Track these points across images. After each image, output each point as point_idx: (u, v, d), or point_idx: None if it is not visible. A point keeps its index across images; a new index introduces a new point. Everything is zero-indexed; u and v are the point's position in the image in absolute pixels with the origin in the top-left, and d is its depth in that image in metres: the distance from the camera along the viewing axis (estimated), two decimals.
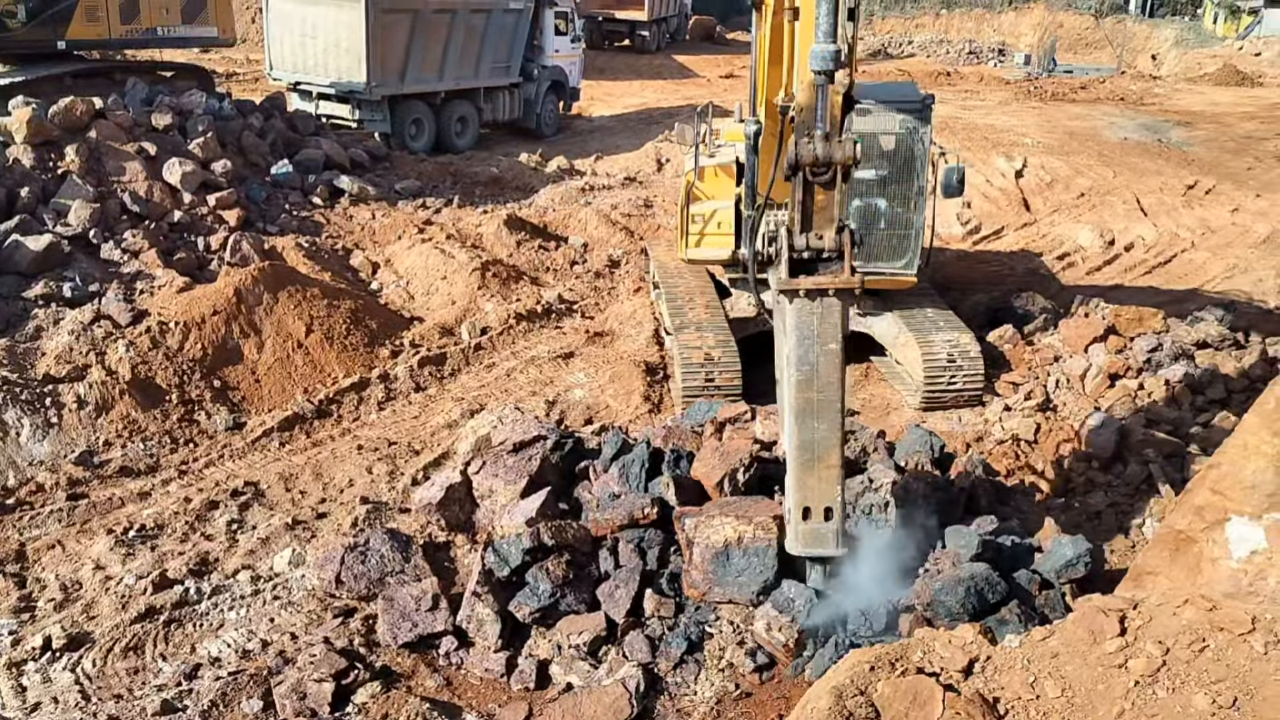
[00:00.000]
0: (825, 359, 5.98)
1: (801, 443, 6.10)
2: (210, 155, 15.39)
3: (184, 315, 11.10)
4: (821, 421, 6.06)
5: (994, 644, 4.73)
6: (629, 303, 13.81)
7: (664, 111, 27.24)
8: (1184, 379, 10.29)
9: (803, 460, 6.12)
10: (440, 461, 9.68)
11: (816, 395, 6.02)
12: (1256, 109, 28.71)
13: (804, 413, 6.06)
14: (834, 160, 5.77)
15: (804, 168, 5.79)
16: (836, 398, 6.05)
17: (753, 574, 6.53)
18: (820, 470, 6.10)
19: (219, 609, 7.40)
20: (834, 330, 5.95)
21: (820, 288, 5.90)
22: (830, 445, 6.07)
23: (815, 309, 5.94)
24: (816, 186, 5.89)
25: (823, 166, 5.79)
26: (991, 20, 53.26)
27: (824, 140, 5.76)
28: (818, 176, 5.83)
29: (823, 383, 6.01)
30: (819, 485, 6.13)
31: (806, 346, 5.97)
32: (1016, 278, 15.22)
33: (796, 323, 5.97)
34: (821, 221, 5.95)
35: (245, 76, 27.46)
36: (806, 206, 5.93)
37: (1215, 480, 5.82)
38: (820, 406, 6.03)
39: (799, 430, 6.09)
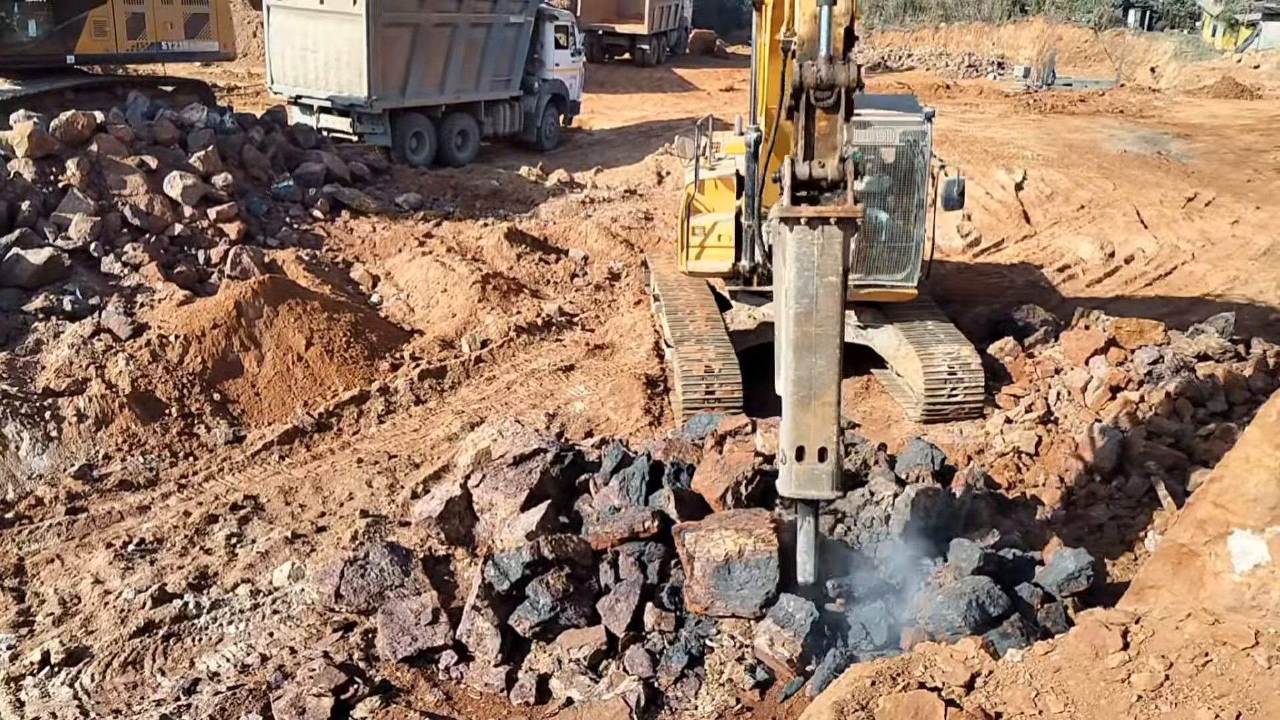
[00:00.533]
0: (825, 291, 5.82)
1: (798, 379, 5.93)
2: (211, 169, 15.42)
3: (184, 329, 11.10)
4: (819, 357, 5.90)
5: (996, 658, 4.71)
6: (629, 315, 13.82)
7: (664, 125, 27.32)
8: (1185, 391, 10.28)
9: (798, 397, 5.95)
10: (440, 475, 9.67)
11: (815, 329, 5.87)
12: (1256, 121, 28.77)
13: (801, 347, 5.90)
14: (837, 82, 5.70)
15: (808, 90, 5.71)
16: (835, 332, 5.89)
17: (755, 586, 6.50)
18: (816, 408, 5.94)
19: (218, 623, 7.37)
20: (835, 262, 5.81)
21: (822, 216, 5.77)
22: (827, 382, 5.91)
23: (816, 239, 5.79)
24: (820, 112, 5.80)
25: (826, 89, 5.71)
26: (991, 34, 53.44)
27: (828, 63, 5.68)
28: (821, 101, 5.76)
29: (821, 316, 5.86)
30: (815, 423, 5.96)
31: (806, 278, 5.83)
32: (1017, 290, 15.22)
33: (797, 253, 5.82)
34: (824, 149, 5.87)
35: (247, 90, 27.56)
36: (809, 133, 5.86)
37: (1217, 493, 5.80)
38: (818, 341, 5.88)
39: (796, 365, 5.91)
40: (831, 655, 6.09)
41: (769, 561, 6.45)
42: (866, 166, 10.83)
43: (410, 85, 20.96)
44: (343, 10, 19.84)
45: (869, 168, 10.83)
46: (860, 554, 7.31)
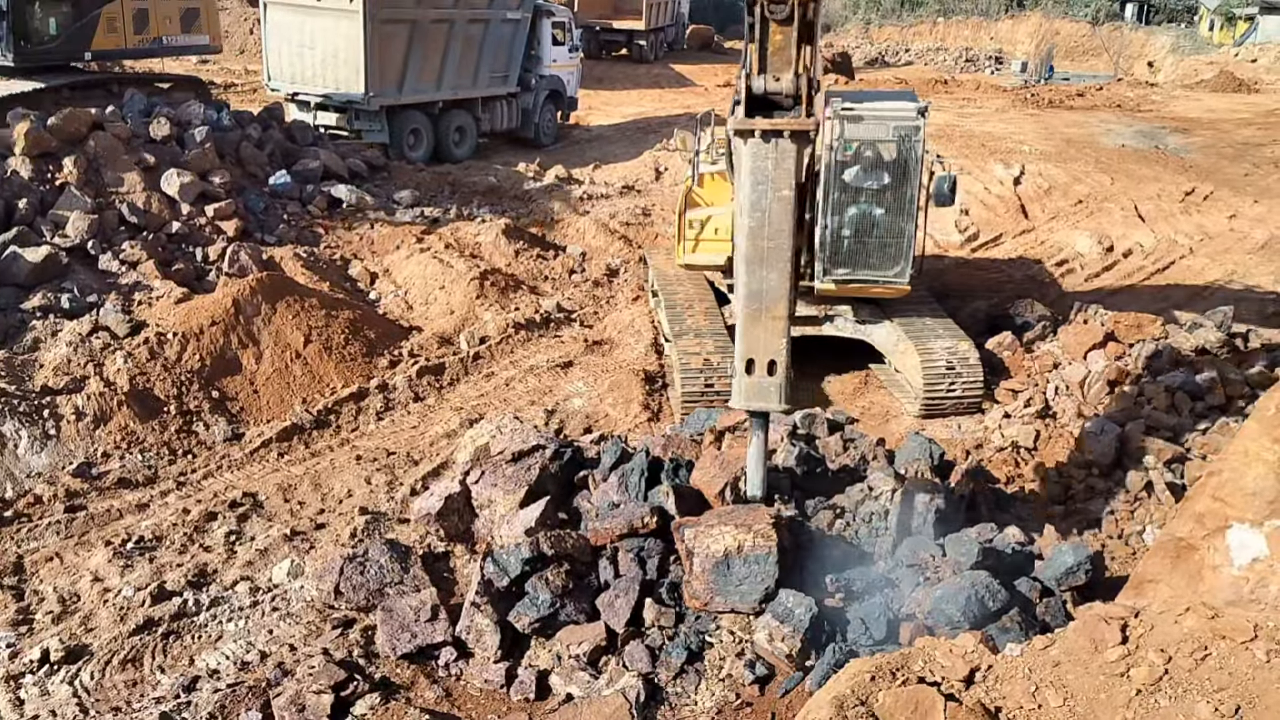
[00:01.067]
0: (778, 205, 5.86)
1: (750, 292, 5.99)
2: (208, 166, 15.40)
3: (182, 326, 11.09)
4: (771, 270, 5.95)
5: (995, 653, 4.71)
6: (627, 311, 13.81)
7: (662, 120, 27.28)
8: (1183, 385, 10.28)
9: (750, 310, 6.03)
10: (439, 471, 9.67)
11: (767, 243, 5.92)
12: (1253, 115, 28.76)
13: (753, 260, 5.96)
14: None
15: (761, 3, 5.72)
16: (787, 245, 5.94)
17: (754, 582, 6.50)
18: (767, 321, 6.01)
19: (217, 620, 7.37)
20: (788, 175, 5.84)
21: (776, 129, 5.78)
22: (778, 296, 5.97)
23: (770, 153, 5.81)
24: (774, 25, 5.80)
25: (779, 2, 5.71)
26: (988, 28, 53.41)
27: None
28: (774, 13, 5.76)
29: (774, 229, 5.90)
30: (764, 336, 6.04)
31: (760, 192, 5.86)
32: (1015, 285, 15.22)
33: (751, 166, 5.84)
34: (779, 63, 5.86)
35: (243, 87, 27.50)
36: (764, 46, 5.85)
37: (1216, 487, 5.80)
38: (770, 254, 5.93)
39: (748, 279, 5.98)
40: (831, 650, 6.09)
41: (768, 557, 6.47)
42: (862, 159, 10.83)
43: (407, 82, 20.93)
44: (340, 7, 19.80)
45: (862, 162, 10.83)
46: (859, 549, 7.32)
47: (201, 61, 31.52)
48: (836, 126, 10.61)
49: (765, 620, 6.35)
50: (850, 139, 10.68)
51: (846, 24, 54.62)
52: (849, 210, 10.96)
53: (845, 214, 10.97)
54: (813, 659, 6.20)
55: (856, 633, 6.30)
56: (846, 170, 10.82)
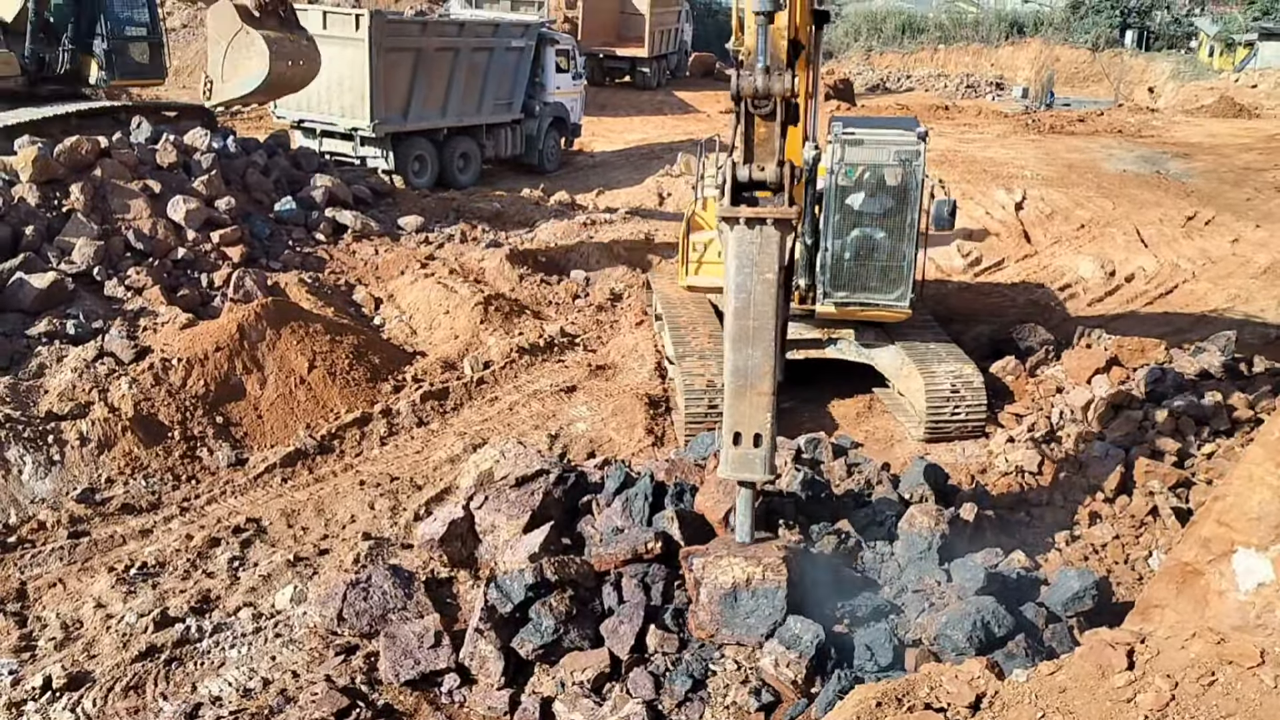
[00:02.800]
0: (762, 287, 6.20)
1: (735, 369, 6.32)
2: (214, 192, 15.48)
3: (187, 352, 11.12)
4: (755, 348, 6.27)
5: (1001, 678, 4.69)
6: (631, 336, 13.83)
7: (665, 147, 27.43)
8: (1188, 410, 10.27)
9: (736, 386, 6.34)
10: (442, 497, 9.66)
11: (752, 323, 6.25)
12: (1254, 140, 28.86)
13: (739, 339, 6.29)
14: (773, 92, 6.03)
15: (745, 99, 6.07)
16: (771, 326, 6.26)
17: (761, 616, 6.50)
18: (752, 397, 6.32)
19: (220, 647, 7.35)
20: (771, 260, 6.17)
21: (760, 217, 6.12)
22: (763, 372, 6.28)
23: (754, 238, 6.16)
24: (758, 119, 6.16)
25: (763, 98, 6.06)
26: (989, 55, 53.71)
27: (764, 73, 6.02)
28: (759, 108, 6.10)
29: (758, 310, 6.23)
30: (750, 411, 6.34)
31: (745, 274, 6.20)
32: (1018, 309, 15.24)
33: (736, 251, 6.20)
34: (763, 154, 6.21)
35: (249, 115, 27.65)
36: (749, 138, 6.21)
37: (1221, 512, 5.79)
38: (755, 333, 6.25)
39: (734, 356, 6.31)
40: (836, 677, 6.06)
41: (777, 592, 6.50)
42: (864, 184, 10.89)
43: (412, 109, 21.06)
44: (345, 35, 19.97)
45: (862, 187, 10.88)
46: (864, 574, 7.30)
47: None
48: (838, 151, 10.68)
49: (772, 646, 6.33)
50: (851, 163, 10.74)
51: (848, 51, 54.96)
52: (850, 234, 11.01)
53: (846, 237, 11.03)
54: (818, 685, 6.17)
55: (862, 659, 6.27)
56: (848, 194, 10.88)
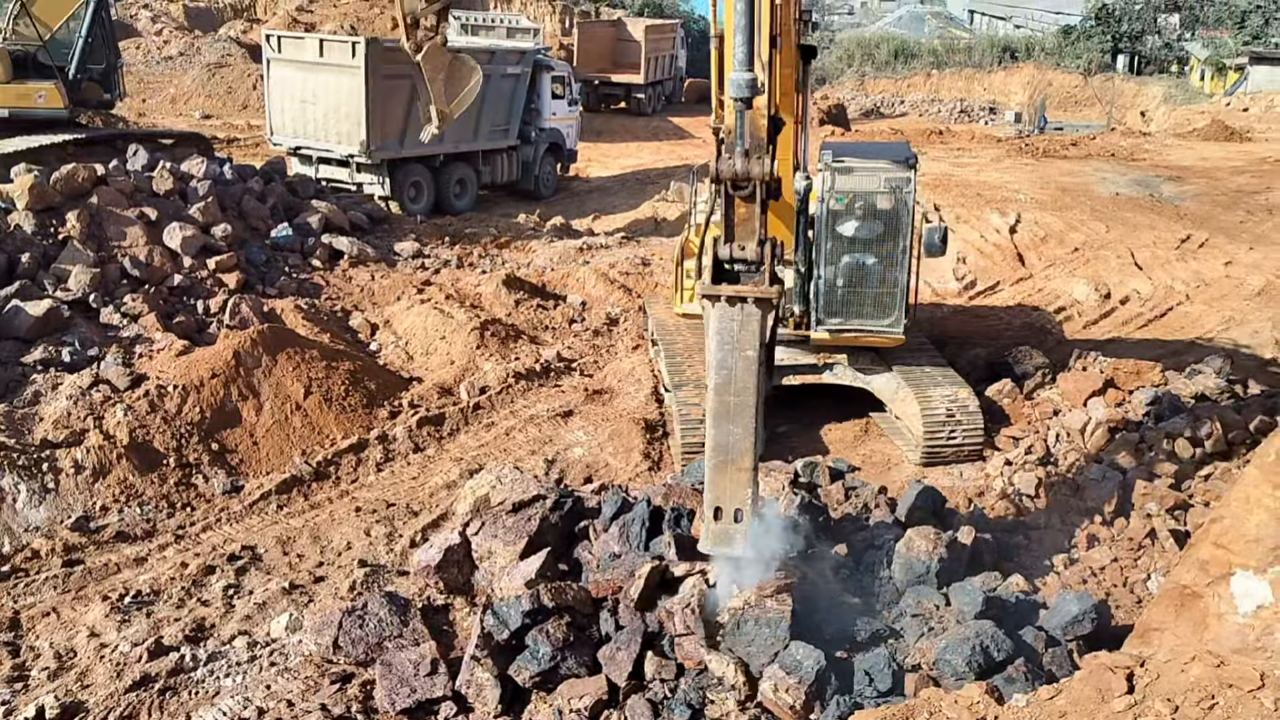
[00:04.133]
0: (743, 364, 6.24)
1: (716, 445, 6.35)
2: (210, 219, 15.52)
3: (182, 378, 11.11)
4: (736, 425, 6.30)
5: (1001, 703, 4.66)
6: (628, 360, 13.84)
7: (660, 172, 27.56)
8: (1184, 432, 10.27)
9: (716, 462, 6.38)
10: (439, 523, 9.62)
11: (733, 399, 6.28)
12: (1246, 163, 29.03)
13: (720, 415, 6.32)
14: (752, 176, 6.13)
15: (724, 182, 6.17)
16: (751, 402, 6.29)
17: (763, 644, 6.46)
18: (732, 473, 6.35)
19: (215, 676, 7.29)
20: (752, 338, 6.23)
21: (740, 295, 6.20)
22: (744, 449, 6.31)
23: (736, 316, 6.23)
24: (738, 200, 6.24)
25: (743, 181, 6.14)
26: (982, 79, 54.12)
27: (744, 157, 6.12)
28: (739, 190, 6.20)
29: (739, 387, 6.26)
30: (730, 487, 6.37)
31: (726, 351, 6.24)
32: (1014, 332, 15.26)
33: (717, 328, 6.26)
34: (744, 233, 6.31)
35: (246, 142, 27.80)
36: (729, 219, 6.30)
37: (1218, 534, 5.78)
38: (735, 410, 6.28)
39: (715, 432, 6.35)
40: (835, 703, 6.02)
41: (780, 621, 6.46)
42: (856, 211, 10.92)
43: (408, 136, 21.14)
44: (341, 63, 20.11)
45: (855, 214, 10.91)
46: (863, 599, 7.26)
47: (205, 117, 31.96)
48: (828, 179, 10.73)
49: (772, 671, 6.29)
50: (842, 191, 10.78)
51: (842, 76, 55.34)
52: (842, 260, 11.04)
53: (838, 264, 11.05)
54: (817, 712, 6.13)
55: (861, 684, 6.24)
56: (839, 222, 10.91)
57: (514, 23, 28.12)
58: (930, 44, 59.35)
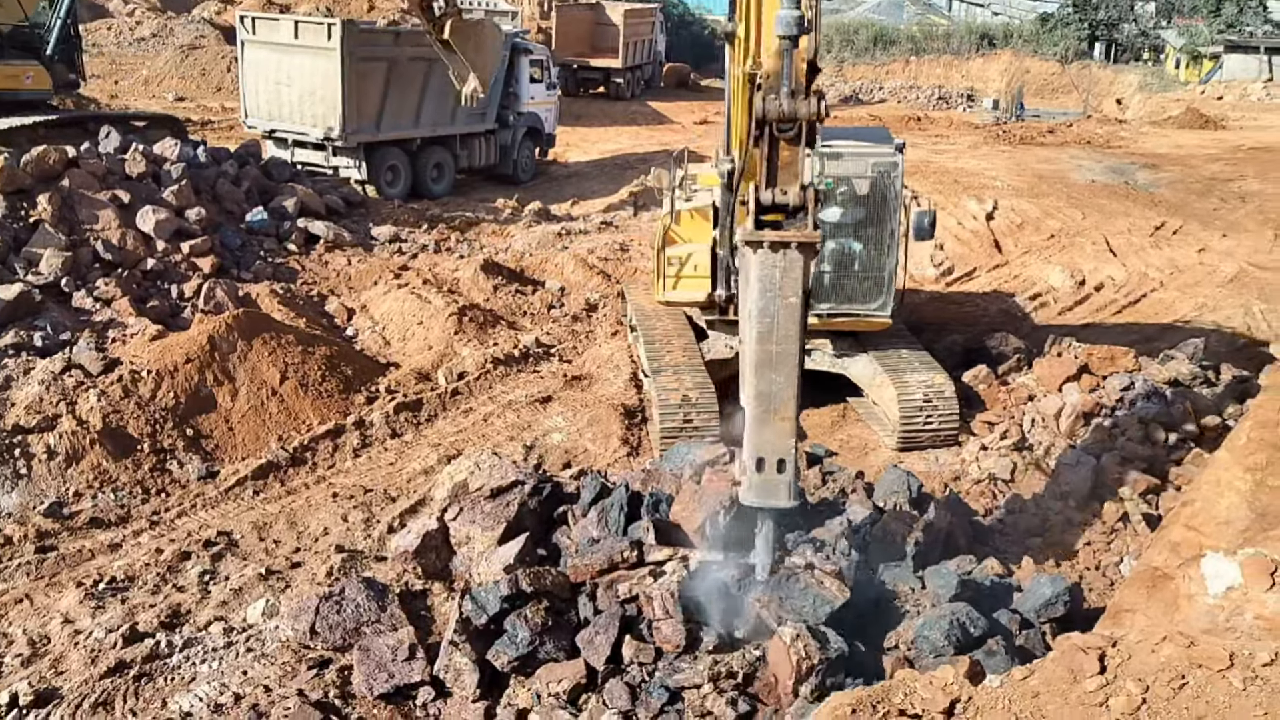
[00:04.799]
0: (785, 312, 6.13)
1: (759, 394, 6.22)
2: (184, 203, 15.37)
3: (156, 364, 11.01)
4: (779, 374, 6.19)
5: (982, 676, 4.71)
6: (607, 346, 13.83)
7: (639, 157, 27.50)
8: (1157, 417, 10.39)
9: (759, 412, 6.24)
10: (417, 508, 9.60)
11: (775, 348, 6.16)
12: (1220, 151, 29.31)
13: (762, 364, 6.20)
14: (799, 116, 6.00)
15: (770, 123, 6.02)
16: (795, 350, 6.20)
17: (798, 608, 6.48)
18: (775, 422, 6.23)
19: (191, 662, 7.25)
20: (795, 284, 6.13)
21: (784, 240, 6.08)
22: (786, 398, 6.20)
23: (778, 262, 6.11)
24: (782, 142, 6.11)
25: (788, 122, 6.02)
26: (960, 66, 54.28)
27: (790, 97, 5.98)
28: (783, 132, 6.07)
29: (781, 335, 6.15)
30: (774, 437, 6.24)
31: (768, 299, 6.13)
32: (990, 318, 15.37)
33: (759, 275, 6.13)
34: (786, 177, 6.17)
35: (220, 125, 27.51)
36: (772, 162, 6.17)
37: (1189, 516, 5.86)
38: (778, 359, 6.17)
39: (757, 381, 6.22)
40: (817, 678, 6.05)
41: (828, 604, 6.44)
42: (839, 198, 10.95)
43: (385, 119, 21.01)
44: (317, 45, 19.90)
45: (841, 199, 10.94)
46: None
47: (178, 99, 31.58)
48: (816, 164, 10.74)
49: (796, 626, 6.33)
50: (830, 176, 10.80)
51: (821, 63, 55.34)
52: (829, 246, 11.07)
53: (826, 250, 11.08)
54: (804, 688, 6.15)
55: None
56: (826, 207, 10.94)
57: (491, 5, 27.92)
58: (909, 30, 59.46)
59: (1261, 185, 24.35)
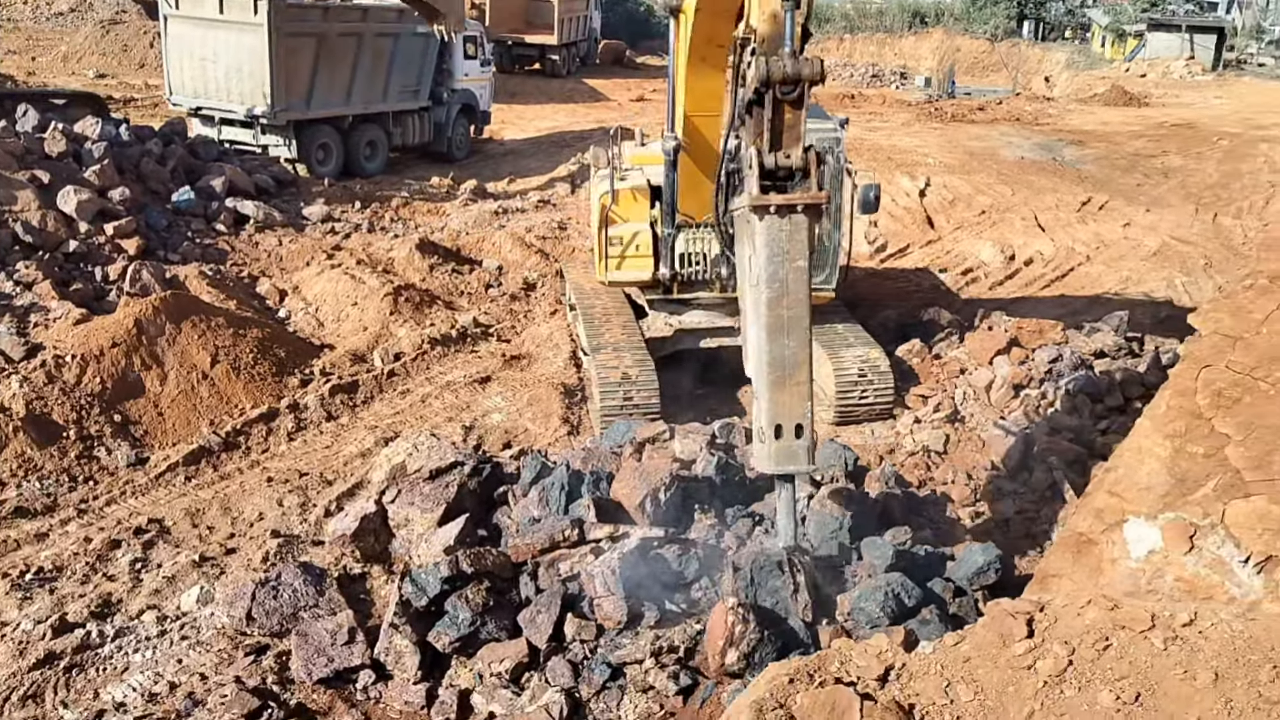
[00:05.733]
0: (794, 275, 6.08)
1: (773, 360, 6.14)
2: (107, 183, 14.93)
3: (81, 348, 10.70)
4: (791, 338, 6.14)
5: (913, 647, 4.82)
6: (546, 325, 13.78)
7: (576, 135, 27.35)
8: (1084, 388, 10.67)
9: (774, 377, 6.16)
10: (354, 491, 9.49)
11: (787, 312, 6.11)
12: (1144, 128, 30.04)
13: (775, 329, 6.12)
14: (802, 77, 5.94)
15: (774, 85, 5.95)
16: (805, 314, 6.15)
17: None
18: (791, 387, 6.16)
19: (123, 652, 7.11)
20: (802, 247, 6.08)
21: (790, 204, 6.02)
22: (800, 361, 6.15)
23: (785, 226, 6.05)
24: (785, 105, 6.05)
25: (791, 84, 5.95)
26: (893, 44, 54.86)
27: (792, 58, 5.92)
28: (787, 95, 6.00)
29: (792, 299, 6.10)
30: (790, 401, 6.17)
31: (777, 263, 6.06)
32: (923, 294, 15.61)
33: (767, 239, 6.06)
34: (790, 140, 6.12)
35: (144, 102, 26.72)
36: (776, 125, 6.09)
37: (1112, 483, 6.04)
38: (790, 323, 6.12)
39: (770, 347, 6.13)
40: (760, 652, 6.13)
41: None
42: None
43: (315, 96, 20.58)
44: (243, 20, 19.40)
45: None
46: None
47: (99, 76, 30.60)
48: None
49: None
50: None
51: None
52: None
53: None
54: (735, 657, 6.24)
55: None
56: None
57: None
58: (843, 8, 59.85)
59: (1183, 161, 25.04)
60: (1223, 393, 5.63)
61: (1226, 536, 5.14)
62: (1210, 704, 3.98)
